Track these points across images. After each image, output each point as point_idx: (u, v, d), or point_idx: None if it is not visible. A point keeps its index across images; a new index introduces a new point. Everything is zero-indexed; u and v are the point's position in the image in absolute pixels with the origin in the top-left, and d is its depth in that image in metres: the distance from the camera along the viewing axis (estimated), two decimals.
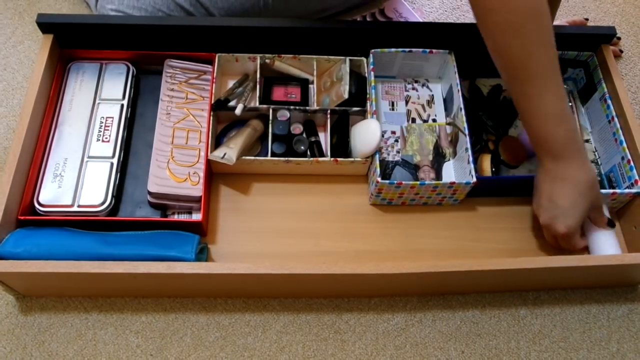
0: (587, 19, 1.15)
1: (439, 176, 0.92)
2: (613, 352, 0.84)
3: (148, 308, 0.83)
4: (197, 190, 0.83)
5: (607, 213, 0.85)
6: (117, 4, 0.95)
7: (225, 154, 0.83)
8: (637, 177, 0.86)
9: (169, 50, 0.93)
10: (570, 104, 1.01)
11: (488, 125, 0.95)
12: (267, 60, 0.94)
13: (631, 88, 1.12)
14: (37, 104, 0.84)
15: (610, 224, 0.84)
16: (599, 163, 0.96)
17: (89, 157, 0.84)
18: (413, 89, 1.01)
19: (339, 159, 0.86)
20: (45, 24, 0.88)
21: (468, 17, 1.21)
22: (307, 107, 0.91)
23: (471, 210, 0.92)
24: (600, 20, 1.22)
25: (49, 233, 0.77)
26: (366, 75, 0.93)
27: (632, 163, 0.87)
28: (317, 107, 0.91)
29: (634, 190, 0.86)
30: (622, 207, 0.90)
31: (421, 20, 1.13)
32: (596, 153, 0.97)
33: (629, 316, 0.87)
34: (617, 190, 0.85)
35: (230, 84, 0.96)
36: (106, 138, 0.86)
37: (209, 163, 0.87)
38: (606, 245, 0.85)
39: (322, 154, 0.90)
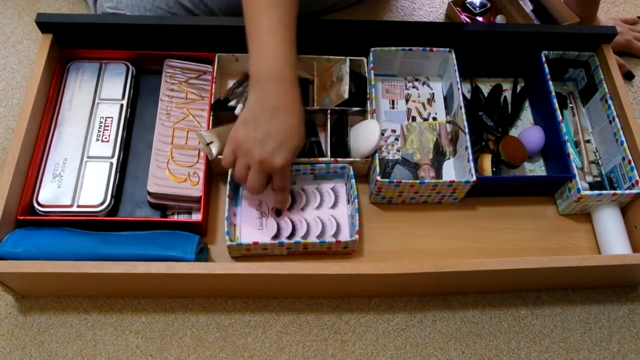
0: None
1: (439, 175, 0.92)
2: (614, 353, 0.84)
3: (148, 308, 0.83)
4: (197, 191, 0.83)
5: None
6: (115, 3, 0.95)
7: (212, 143, 0.83)
8: (637, 178, 0.86)
9: (168, 50, 0.92)
10: (570, 105, 1.01)
11: (488, 125, 0.94)
12: None
13: (632, 88, 1.12)
14: (36, 103, 0.84)
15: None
16: (600, 163, 0.96)
17: (88, 157, 0.84)
18: (413, 87, 1.01)
19: (338, 159, 0.86)
20: (45, 24, 0.88)
21: None
22: (307, 107, 0.91)
23: (472, 210, 0.92)
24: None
25: (48, 233, 0.77)
26: (366, 75, 0.92)
27: (632, 163, 0.87)
28: (317, 107, 0.91)
29: (634, 191, 0.85)
30: (623, 207, 0.90)
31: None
32: (597, 153, 0.97)
33: (629, 316, 0.87)
34: (618, 191, 0.85)
35: (230, 84, 0.96)
36: (106, 138, 0.86)
37: (209, 163, 0.87)
38: (617, 244, 0.85)
39: (322, 154, 0.90)
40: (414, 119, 0.98)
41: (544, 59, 0.95)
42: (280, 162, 0.74)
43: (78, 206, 0.80)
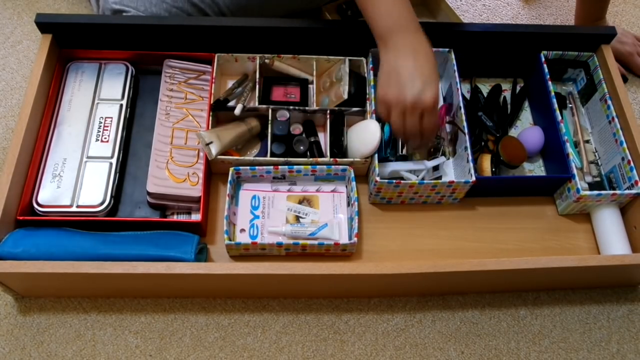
0: None
1: (438, 175, 0.92)
2: (613, 353, 0.84)
3: (147, 308, 0.83)
4: (196, 191, 0.83)
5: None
6: None
7: (211, 143, 0.83)
8: (637, 178, 0.86)
9: (168, 50, 0.92)
10: (570, 105, 1.01)
11: (488, 125, 0.94)
12: (267, 61, 0.94)
13: (631, 88, 1.12)
14: (36, 104, 0.84)
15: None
16: (599, 164, 0.96)
17: (88, 157, 0.84)
18: None
19: (338, 159, 0.86)
20: (44, 24, 0.88)
21: (467, 17, 1.21)
22: (307, 108, 0.91)
23: (471, 210, 0.92)
24: None
25: (47, 233, 0.77)
26: (365, 75, 0.92)
27: (632, 164, 0.87)
28: (317, 108, 0.91)
29: (634, 191, 0.85)
30: (622, 207, 0.90)
31: None
32: (596, 154, 0.97)
33: (629, 316, 0.87)
34: (618, 191, 0.85)
35: (230, 84, 0.96)
36: (105, 138, 0.86)
37: (208, 163, 0.87)
38: (616, 244, 0.85)
39: (321, 154, 0.90)
40: None
41: (543, 59, 0.95)
42: (431, 96, 0.76)
43: (77, 206, 0.80)
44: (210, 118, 0.88)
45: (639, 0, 1.26)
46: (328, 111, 0.91)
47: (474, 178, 0.83)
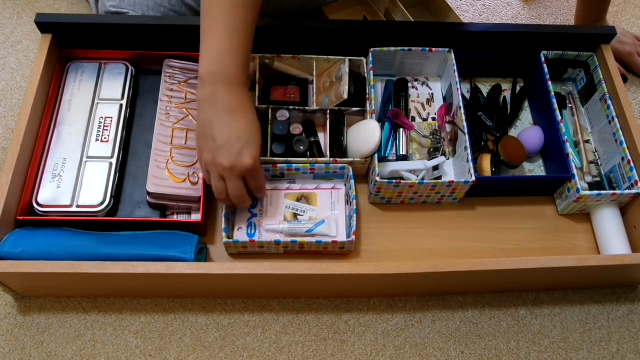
0: None
1: (438, 175, 0.92)
2: (613, 353, 0.84)
3: (147, 308, 0.83)
4: (197, 191, 0.83)
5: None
6: (117, 1, 0.95)
7: None
8: (637, 178, 0.86)
9: (168, 50, 0.92)
10: (570, 105, 1.01)
11: (488, 125, 0.94)
12: (267, 60, 0.94)
13: (631, 88, 1.12)
14: (35, 104, 0.84)
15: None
16: (599, 163, 0.96)
17: (88, 157, 0.84)
18: (413, 87, 1.01)
19: (338, 159, 0.86)
20: (44, 24, 0.88)
21: (467, 17, 1.21)
22: (307, 108, 0.91)
23: (471, 210, 0.92)
24: None
25: (47, 233, 0.77)
26: (366, 75, 0.92)
27: (632, 164, 0.87)
28: (317, 108, 0.91)
29: (634, 191, 0.85)
30: (623, 207, 0.90)
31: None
32: (596, 154, 0.97)
33: (629, 316, 0.87)
34: (618, 191, 0.85)
35: None
36: (105, 138, 0.86)
37: None
38: (616, 244, 0.86)
39: (321, 154, 0.90)
40: (413, 119, 0.98)
41: (543, 59, 0.95)
42: (250, 161, 0.73)
43: (77, 206, 0.80)
44: None
45: (639, 0, 1.26)
46: (328, 111, 0.91)
47: (474, 178, 0.83)
